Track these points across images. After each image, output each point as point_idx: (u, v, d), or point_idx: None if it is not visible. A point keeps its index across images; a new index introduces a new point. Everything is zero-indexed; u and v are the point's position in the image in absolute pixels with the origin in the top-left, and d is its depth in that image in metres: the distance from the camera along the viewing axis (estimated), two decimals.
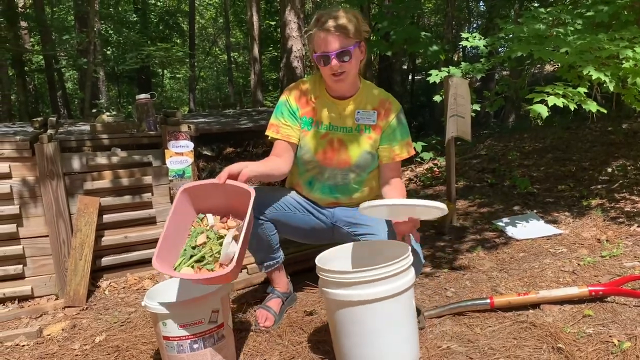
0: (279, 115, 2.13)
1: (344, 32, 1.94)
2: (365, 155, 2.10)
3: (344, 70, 1.98)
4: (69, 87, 16.30)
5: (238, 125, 3.68)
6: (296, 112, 2.13)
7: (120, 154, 2.92)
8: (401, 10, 5.50)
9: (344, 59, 1.96)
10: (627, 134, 5.38)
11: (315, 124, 2.12)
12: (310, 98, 2.14)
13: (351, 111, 2.10)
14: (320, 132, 2.11)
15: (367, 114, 2.10)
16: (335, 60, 1.95)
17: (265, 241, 2.17)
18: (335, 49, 1.94)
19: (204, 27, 20.61)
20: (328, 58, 1.96)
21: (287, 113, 2.13)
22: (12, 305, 2.64)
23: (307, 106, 2.14)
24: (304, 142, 2.12)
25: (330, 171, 2.13)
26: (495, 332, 1.96)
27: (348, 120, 2.11)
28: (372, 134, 2.10)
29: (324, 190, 2.17)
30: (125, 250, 2.92)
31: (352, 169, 2.11)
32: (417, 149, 5.64)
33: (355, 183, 2.16)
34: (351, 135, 2.10)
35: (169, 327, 1.71)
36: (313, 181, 2.18)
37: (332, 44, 1.94)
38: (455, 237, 3.29)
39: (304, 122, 2.13)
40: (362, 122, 2.10)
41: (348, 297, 1.64)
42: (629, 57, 2.72)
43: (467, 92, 3.41)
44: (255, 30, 8.05)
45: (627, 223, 3.04)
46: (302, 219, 2.20)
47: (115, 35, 12.99)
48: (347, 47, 1.95)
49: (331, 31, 1.94)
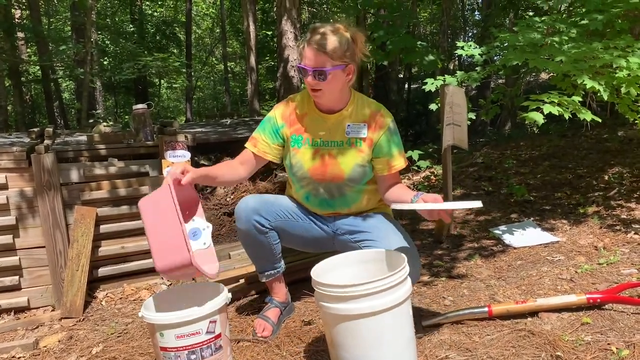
0: (261, 131, 2.15)
1: (325, 52, 1.91)
2: (358, 168, 2.09)
3: (320, 88, 1.97)
4: (66, 97, 16.31)
5: (235, 134, 3.69)
6: (280, 129, 2.13)
7: (117, 164, 2.92)
8: (397, 20, 5.54)
9: (320, 78, 1.95)
10: (623, 142, 5.41)
11: (305, 141, 2.11)
12: (299, 115, 2.13)
13: (341, 125, 2.09)
14: (311, 149, 2.10)
15: (358, 127, 2.08)
16: (310, 77, 1.96)
17: (269, 250, 2.17)
18: (312, 65, 1.94)
19: (200, 37, 20.68)
20: (306, 72, 1.97)
21: (269, 130, 2.14)
22: (8, 316, 2.63)
23: (296, 123, 2.13)
24: (296, 159, 2.11)
25: (325, 186, 2.13)
26: (494, 340, 1.96)
27: (338, 134, 2.09)
28: (363, 147, 2.08)
29: (322, 204, 2.18)
30: (122, 260, 2.91)
31: (345, 182, 2.11)
32: (413, 157, 5.66)
33: (352, 194, 2.16)
34: (342, 149, 2.09)
35: (167, 338, 1.70)
36: (309, 196, 2.18)
37: (310, 59, 1.94)
38: (453, 246, 3.29)
39: (294, 140, 2.12)
40: (352, 136, 2.08)
41: (345, 311, 1.62)
42: (623, 66, 2.74)
43: (463, 100, 3.42)
44: (252, 40, 8.08)
45: (624, 230, 3.05)
46: (304, 227, 2.20)
47: (112, 45, 13.01)
48: (323, 68, 1.92)
49: (313, 47, 1.93)
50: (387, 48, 5.14)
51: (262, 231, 2.11)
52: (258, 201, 2.13)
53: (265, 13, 14.15)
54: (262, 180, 3.59)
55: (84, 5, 8.55)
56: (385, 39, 5.15)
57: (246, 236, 2.15)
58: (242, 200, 2.15)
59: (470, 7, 15.82)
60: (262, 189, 3.52)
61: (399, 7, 5.99)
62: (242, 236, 2.19)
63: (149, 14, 16.17)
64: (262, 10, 13.91)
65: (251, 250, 2.23)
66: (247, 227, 2.10)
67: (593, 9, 3.37)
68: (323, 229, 2.21)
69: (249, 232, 2.12)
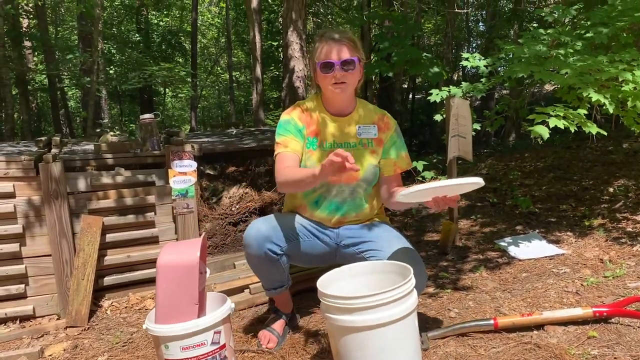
0: (285, 132, 2.11)
1: (351, 42, 2.01)
2: (372, 168, 2.13)
3: (346, 80, 2.01)
4: (72, 105, 16.41)
5: (241, 144, 3.70)
6: (302, 130, 2.13)
7: (124, 174, 2.93)
8: (401, 31, 5.56)
9: (349, 68, 2.00)
10: (628, 154, 5.40)
11: (320, 144, 2.13)
12: (312, 117, 2.15)
13: (352, 127, 2.14)
14: (325, 151, 2.11)
15: (368, 127, 2.14)
16: (339, 67, 1.99)
17: (280, 272, 2.15)
18: (341, 57, 1.99)
19: (206, 46, 20.80)
20: (332, 65, 1.99)
21: (292, 129, 2.12)
22: (13, 325, 2.63)
23: (311, 125, 2.15)
24: (311, 162, 2.11)
25: (338, 188, 2.13)
26: (500, 353, 1.95)
27: (350, 136, 2.14)
28: (375, 147, 2.15)
29: (331, 208, 2.16)
30: (127, 269, 2.92)
31: (359, 184, 2.13)
32: (418, 168, 5.66)
33: (363, 197, 2.17)
34: (356, 150, 2.11)
35: (172, 350, 1.70)
36: (320, 200, 2.16)
37: (338, 52, 1.99)
38: (458, 257, 3.29)
39: (309, 142, 2.14)
40: (364, 137, 2.14)
41: (351, 323, 1.62)
42: (629, 80, 2.74)
43: (468, 112, 3.43)
44: (258, 51, 8.12)
45: (630, 243, 3.04)
46: (310, 245, 2.17)
47: (118, 54, 13.10)
48: (352, 57, 2.00)
49: (339, 40, 2.00)
50: (392, 59, 5.16)
51: (274, 258, 2.06)
52: (268, 227, 2.05)
53: (270, 23, 14.23)
54: (267, 190, 3.59)
55: (90, 14, 8.63)
56: (390, 50, 5.17)
57: (258, 263, 2.10)
58: (252, 227, 2.06)
59: (474, 19, 15.87)
60: (267, 198, 3.53)
61: (404, 20, 6.02)
62: (253, 262, 2.12)
63: (155, 24, 16.29)
64: (268, 21, 13.99)
65: (261, 273, 2.19)
66: (259, 254, 2.04)
67: (598, 21, 3.39)
68: (326, 242, 2.20)
69: (260, 258, 2.06)
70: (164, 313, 1.71)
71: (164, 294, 1.72)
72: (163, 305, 1.72)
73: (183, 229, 2.97)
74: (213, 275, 2.98)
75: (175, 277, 1.74)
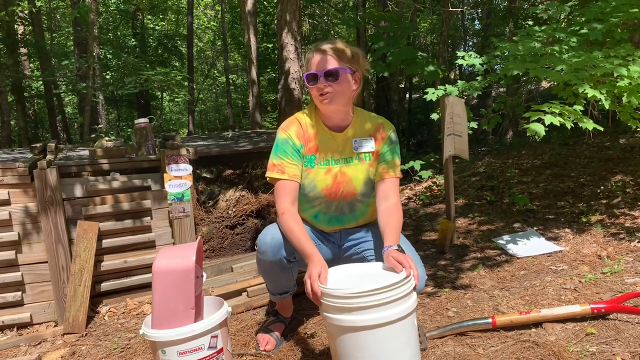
0: (282, 154, 2.04)
1: (337, 54, 1.96)
2: (369, 182, 2.10)
3: (329, 91, 1.96)
4: (68, 111, 16.39)
5: (237, 147, 3.69)
6: (300, 149, 2.07)
7: (119, 179, 2.93)
8: (397, 32, 5.56)
9: (333, 79, 1.95)
10: (625, 149, 5.39)
11: (318, 161, 2.09)
12: (310, 134, 2.09)
13: (349, 142, 2.09)
14: (323, 168, 2.08)
15: (365, 141, 2.09)
16: (322, 79, 1.96)
17: (290, 277, 2.16)
18: (325, 68, 1.95)
19: (202, 50, 20.79)
20: (316, 77, 1.97)
21: (290, 151, 2.04)
22: (10, 332, 2.62)
23: (310, 142, 2.09)
24: (309, 179, 2.07)
25: (337, 204, 2.12)
26: (498, 352, 1.94)
27: (346, 150, 2.09)
28: (372, 161, 2.10)
29: (331, 221, 2.16)
30: (124, 274, 2.91)
31: (357, 198, 2.11)
32: (415, 168, 5.66)
33: (361, 208, 2.16)
34: (353, 166, 2.09)
35: (169, 355, 1.69)
36: (319, 215, 2.16)
37: (322, 63, 1.96)
38: (456, 256, 3.28)
39: (307, 160, 2.09)
40: (360, 150, 2.08)
41: (351, 323, 1.61)
42: (624, 75, 2.74)
43: (464, 111, 3.43)
44: (253, 53, 8.12)
45: (628, 239, 3.04)
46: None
47: (114, 59, 13.09)
48: (335, 68, 1.95)
49: (324, 51, 1.97)
50: (387, 60, 5.16)
51: (288, 266, 2.07)
52: (283, 235, 2.02)
53: (266, 26, 14.23)
54: (264, 193, 3.58)
55: (85, 20, 8.62)
56: (385, 50, 5.17)
57: (270, 269, 2.09)
58: (266, 234, 2.05)
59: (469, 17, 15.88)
60: (263, 201, 3.52)
61: (399, 20, 6.02)
62: (265, 268, 2.11)
63: (151, 28, 16.26)
64: (263, 23, 13.99)
65: (270, 278, 2.18)
66: (274, 260, 2.03)
67: (592, 18, 3.39)
68: (329, 245, 2.21)
69: (274, 265, 2.06)
70: (160, 318, 1.71)
71: (160, 299, 1.72)
72: (159, 310, 1.71)
73: (179, 233, 2.96)
74: (210, 279, 2.98)
75: (171, 281, 1.73)
